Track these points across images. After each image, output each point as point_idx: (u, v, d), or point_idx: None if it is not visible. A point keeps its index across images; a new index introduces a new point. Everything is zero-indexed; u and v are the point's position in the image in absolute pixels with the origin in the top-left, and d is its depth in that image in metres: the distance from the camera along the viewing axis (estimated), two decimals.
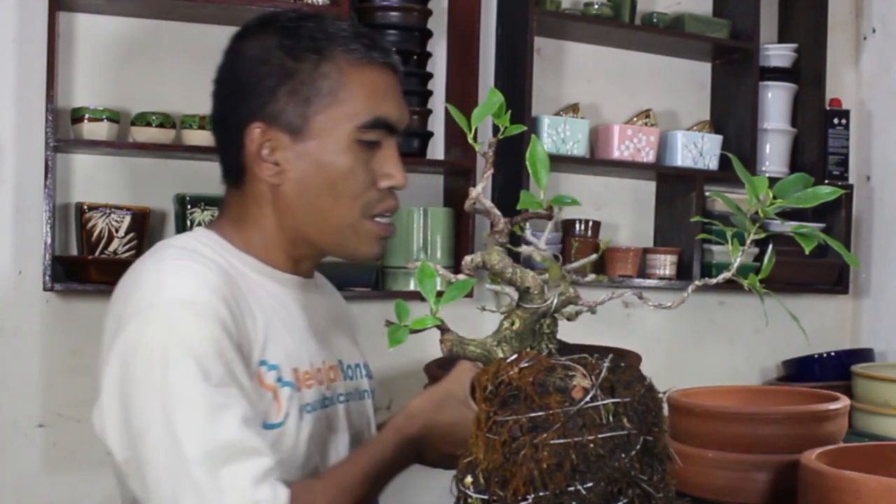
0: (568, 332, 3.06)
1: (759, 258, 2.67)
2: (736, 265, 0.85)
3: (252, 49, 1.30)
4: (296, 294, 1.35)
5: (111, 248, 2.27)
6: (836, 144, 3.08)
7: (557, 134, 2.70)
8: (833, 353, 2.97)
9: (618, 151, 2.78)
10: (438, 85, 2.69)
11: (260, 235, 1.33)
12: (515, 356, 0.80)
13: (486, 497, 0.76)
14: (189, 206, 2.30)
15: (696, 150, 2.87)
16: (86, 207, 2.26)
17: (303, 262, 1.37)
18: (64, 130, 2.30)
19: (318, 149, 1.27)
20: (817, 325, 3.14)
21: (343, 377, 1.39)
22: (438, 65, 2.70)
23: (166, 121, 2.33)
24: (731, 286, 0.89)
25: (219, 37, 2.43)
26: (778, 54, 3.04)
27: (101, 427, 1.16)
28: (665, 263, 2.85)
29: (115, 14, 2.39)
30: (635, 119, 2.88)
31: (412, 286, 2.52)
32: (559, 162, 2.71)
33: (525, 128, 0.85)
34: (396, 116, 1.31)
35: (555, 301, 0.85)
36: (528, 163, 0.84)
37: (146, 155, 2.40)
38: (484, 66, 2.65)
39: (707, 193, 2.86)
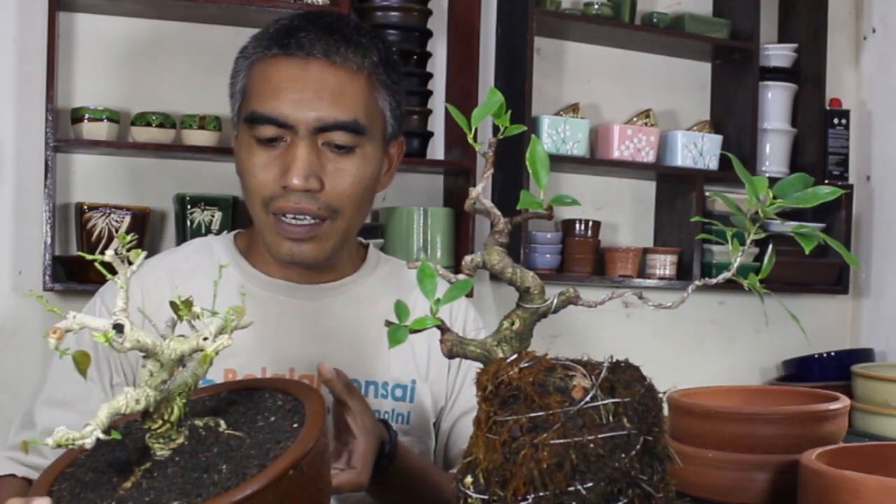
0: (569, 331, 3.06)
1: (759, 258, 2.67)
2: (736, 265, 0.85)
3: None
4: (280, 299, 1.33)
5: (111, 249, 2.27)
6: (836, 144, 3.08)
7: (557, 134, 2.70)
8: (833, 353, 2.97)
9: (618, 151, 2.78)
10: (438, 85, 2.69)
11: (255, 237, 1.35)
12: (515, 356, 0.80)
13: (485, 497, 0.76)
14: (189, 206, 2.30)
15: (696, 150, 2.87)
16: (86, 207, 2.26)
17: (288, 267, 1.33)
18: (64, 130, 2.31)
19: (237, 146, 1.31)
20: (817, 325, 3.15)
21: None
22: (438, 65, 2.70)
23: (166, 121, 2.33)
24: (731, 286, 0.89)
25: (219, 37, 2.47)
26: (778, 54, 3.04)
27: None
28: (665, 263, 2.85)
29: (115, 14, 2.40)
30: (635, 119, 2.88)
31: None
32: (559, 162, 2.72)
33: (525, 128, 0.85)
34: (284, 111, 1.23)
35: (555, 301, 0.85)
36: (528, 163, 0.84)
37: (146, 155, 2.40)
38: (484, 66, 2.65)
39: (707, 193, 2.86)
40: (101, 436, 0.75)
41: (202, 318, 0.82)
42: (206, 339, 0.81)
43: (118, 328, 0.78)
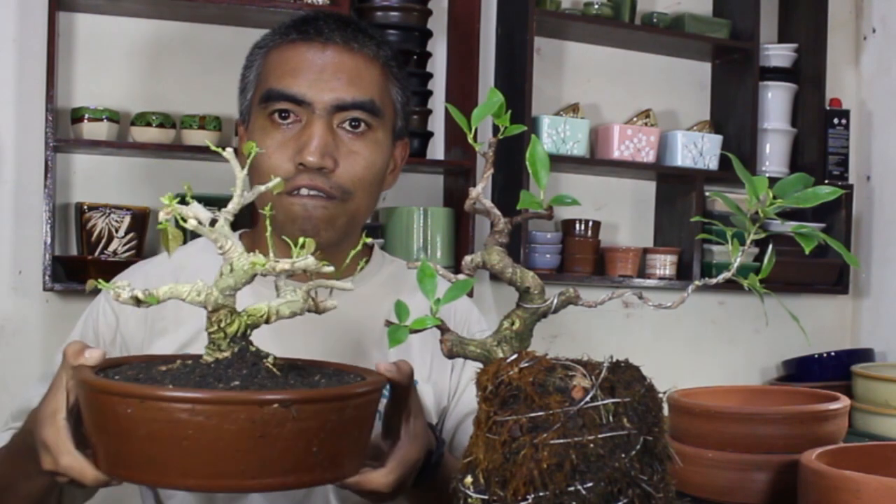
0: (569, 331, 3.05)
1: (759, 258, 2.67)
2: (736, 265, 0.85)
3: None
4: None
5: (111, 248, 2.27)
6: (836, 144, 3.08)
7: (557, 134, 2.70)
8: (833, 353, 2.97)
9: (618, 151, 2.78)
10: (438, 85, 2.69)
11: (259, 236, 1.34)
12: (515, 356, 0.80)
13: (485, 497, 0.76)
14: None
15: (696, 150, 2.87)
16: (86, 207, 2.26)
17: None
18: (64, 130, 2.31)
19: (250, 133, 1.32)
20: (817, 325, 3.15)
21: None
22: (438, 65, 2.70)
23: (166, 121, 2.33)
24: (731, 286, 0.89)
25: (219, 37, 2.47)
26: (778, 54, 3.04)
27: None
28: (665, 263, 2.85)
29: (115, 14, 2.40)
30: (635, 119, 2.88)
31: None
32: (559, 162, 2.72)
33: (525, 128, 0.85)
34: (301, 88, 1.25)
35: (555, 301, 0.85)
36: (528, 163, 0.84)
37: (146, 155, 2.40)
38: (484, 66, 2.65)
39: (707, 193, 2.86)
40: (140, 296, 0.83)
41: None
42: (277, 261, 0.86)
43: (213, 222, 0.86)
